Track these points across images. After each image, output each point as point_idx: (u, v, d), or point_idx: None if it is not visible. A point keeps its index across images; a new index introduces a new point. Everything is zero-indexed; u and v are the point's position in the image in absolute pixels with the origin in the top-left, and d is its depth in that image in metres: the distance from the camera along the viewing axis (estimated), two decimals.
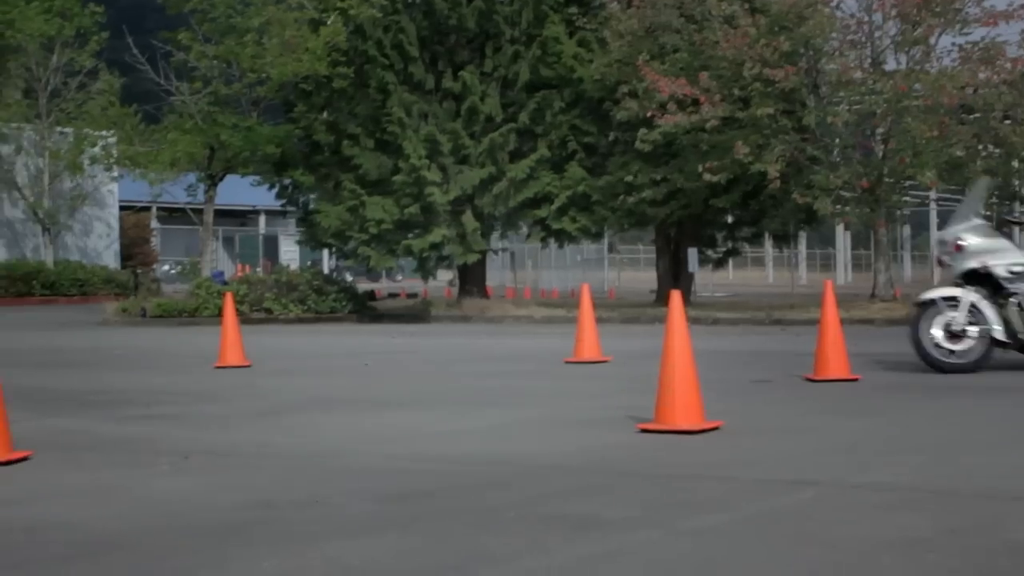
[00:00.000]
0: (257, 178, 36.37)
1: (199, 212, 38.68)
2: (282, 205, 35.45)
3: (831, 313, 12.76)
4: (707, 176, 27.24)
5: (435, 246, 29.75)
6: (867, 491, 6.93)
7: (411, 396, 12.52)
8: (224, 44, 34.15)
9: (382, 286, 48.30)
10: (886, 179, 27.75)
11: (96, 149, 42.19)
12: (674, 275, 31.66)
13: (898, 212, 32.41)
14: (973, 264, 13.17)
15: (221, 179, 36.77)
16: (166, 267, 58.61)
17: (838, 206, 28.40)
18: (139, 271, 46.08)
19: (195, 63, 34.45)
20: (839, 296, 13.03)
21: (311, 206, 33.03)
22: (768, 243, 43.60)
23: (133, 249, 51.50)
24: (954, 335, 13.08)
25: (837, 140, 28.55)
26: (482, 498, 6.93)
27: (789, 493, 6.91)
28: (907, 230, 57.39)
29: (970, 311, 13.01)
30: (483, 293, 32.33)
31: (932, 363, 13.12)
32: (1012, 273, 13.05)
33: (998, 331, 12.93)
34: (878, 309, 25.81)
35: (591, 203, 30.12)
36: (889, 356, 15.18)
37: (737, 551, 5.52)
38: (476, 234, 29.85)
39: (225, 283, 31.80)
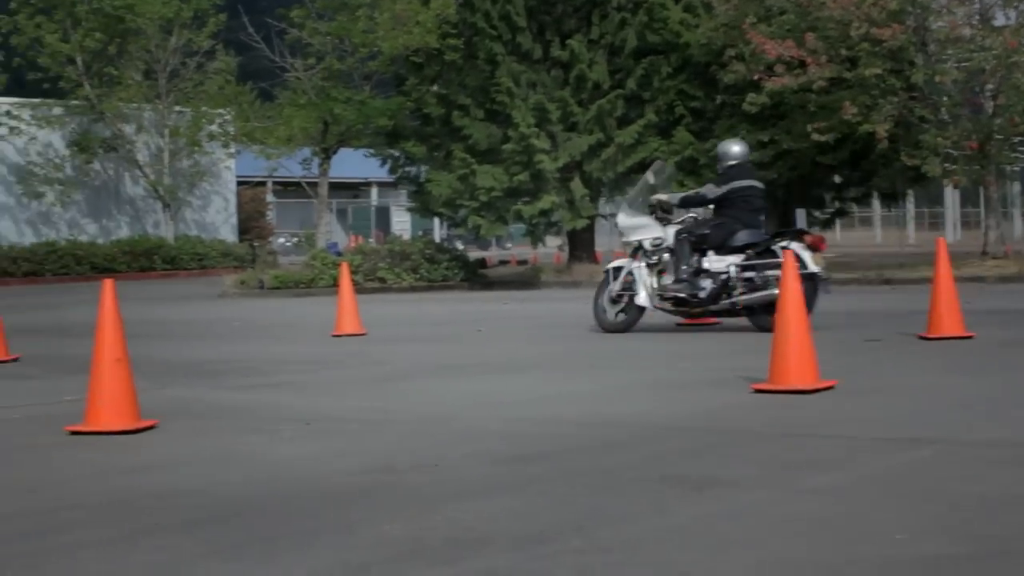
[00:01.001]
0: (369, 151, 36.63)
1: (313, 185, 39.09)
2: (394, 178, 35.69)
3: (944, 270, 12.66)
4: (815, 136, 27.02)
5: (544, 212, 29.82)
6: (985, 448, 6.91)
7: (524, 361, 12.62)
8: (336, 20, 34.46)
9: (492, 254, 48.46)
10: (996, 136, 27.31)
11: (214, 127, 42.79)
12: None
13: (1008, 169, 31.89)
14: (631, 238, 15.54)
15: (335, 152, 37.11)
16: (281, 240, 59.26)
17: (947, 164, 28.00)
18: (256, 244, 46.67)
19: (308, 40, 34.77)
20: (949, 254, 12.90)
21: (422, 176, 33.24)
22: (876, 203, 43.08)
23: (250, 223, 52.13)
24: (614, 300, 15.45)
25: (946, 98, 28.13)
26: (599, 459, 7.00)
27: (907, 451, 6.91)
28: (1017, 187, 56.39)
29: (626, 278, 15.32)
30: (592, 258, 32.31)
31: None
32: (654, 246, 15.22)
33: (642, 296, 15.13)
34: (989, 267, 25.46)
35: (698, 167, 30.00)
36: (1002, 313, 15.01)
37: (859, 510, 5.53)
38: (585, 200, 29.87)
39: (339, 254, 32.13)
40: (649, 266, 15.19)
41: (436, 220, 47.21)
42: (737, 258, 14.66)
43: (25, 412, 9.77)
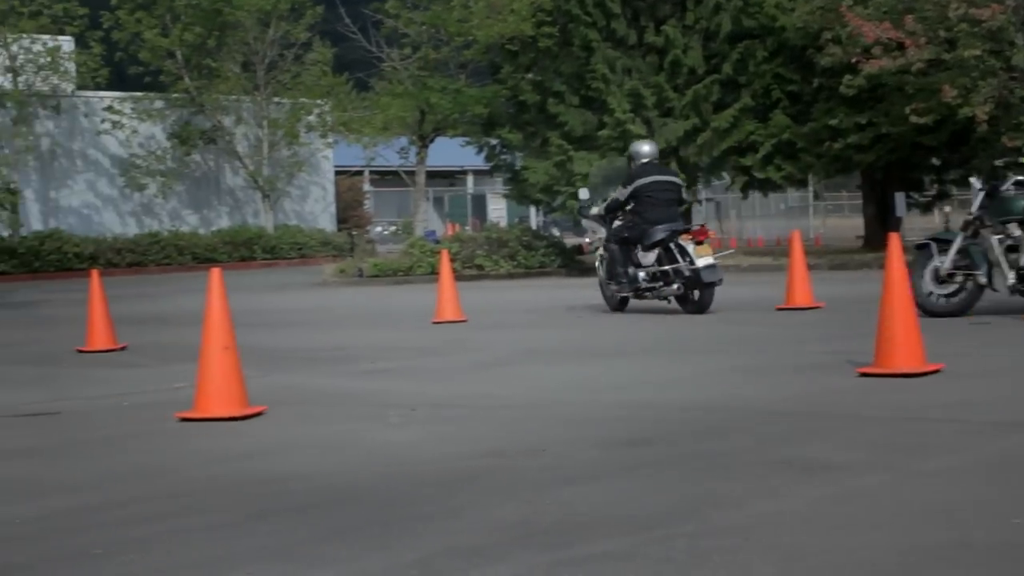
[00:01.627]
0: (465, 139, 36.74)
1: (410, 174, 39.26)
2: (490, 166, 35.75)
3: None
4: (914, 119, 26.68)
5: None
6: None
7: (624, 346, 12.61)
8: (431, 10, 34.56)
9: (588, 240, 48.38)
10: None
11: (312, 117, 43.11)
12: (881, 220, 31.12)
13: None
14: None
15: (431, 141, 37.25)
16: (379, 228, 59.55)
17: None
18: (354, 233, 46.95)
19: (404, 30, 34.92)
20: None
21: (518, 164, 33.27)
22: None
23: (348, 212, 52.47)
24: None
25: None
26: (706, 444, 6.97)
27: (1021, 434, 6.82)
28: None
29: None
30: None
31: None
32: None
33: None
34: None
35: (796, 150, 29.80)
36: None
37: (973, 494, 5.46)
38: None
39: (437, 242, 32.26)
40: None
41: (532, 207, 47.22)
42: (653, 254, 16.03)
43: (134, 400, 9.90)
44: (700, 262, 15.44)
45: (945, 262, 13.47)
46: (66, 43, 41.14)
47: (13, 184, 38.43)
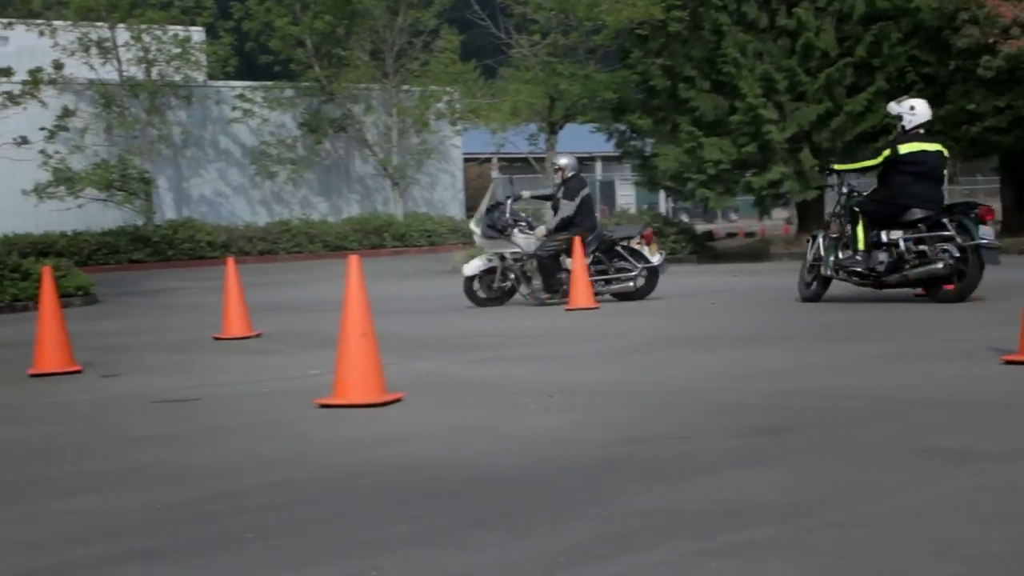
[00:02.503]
0: (595, 125, 36.62)
1: (540, 161, 39.22)
2: (619, 152, 35.60)
3: None
4: None
5: (773, 184, 29.45)
6: None
7: (760, 333, 12.49)
8: None
9: (718, 226, 48.04)
10: None
11: (441, 105, 43.25)
12: (1020, 206, 30.50)
13: None
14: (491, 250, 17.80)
15: (561, 127, 37.17)
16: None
17: None
18: None
19: (533, 16, 34.89)
20: None
21: (648, 150, 33.09)
22: None
23: (477, 199, 52.53)
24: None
25: None
26: (849, 432, 6.89)
27: None
28: None
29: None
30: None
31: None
32: (515, 259, 17.60)
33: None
34: None
35: (931, 134, 29.23)
36: None
37: None
38: (814, 170, 29.39)
39: None
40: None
41: (661, 193, 46.98)
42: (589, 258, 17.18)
43: (273, 386, 10.01)
44: (653, 261, 17.49)
45: (808, 256, 15.93)
46: (196, 34, 41.67)
47: (146, 173, 39.01)
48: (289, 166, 43.53)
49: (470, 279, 17.77)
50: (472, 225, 18.19)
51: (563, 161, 18.18)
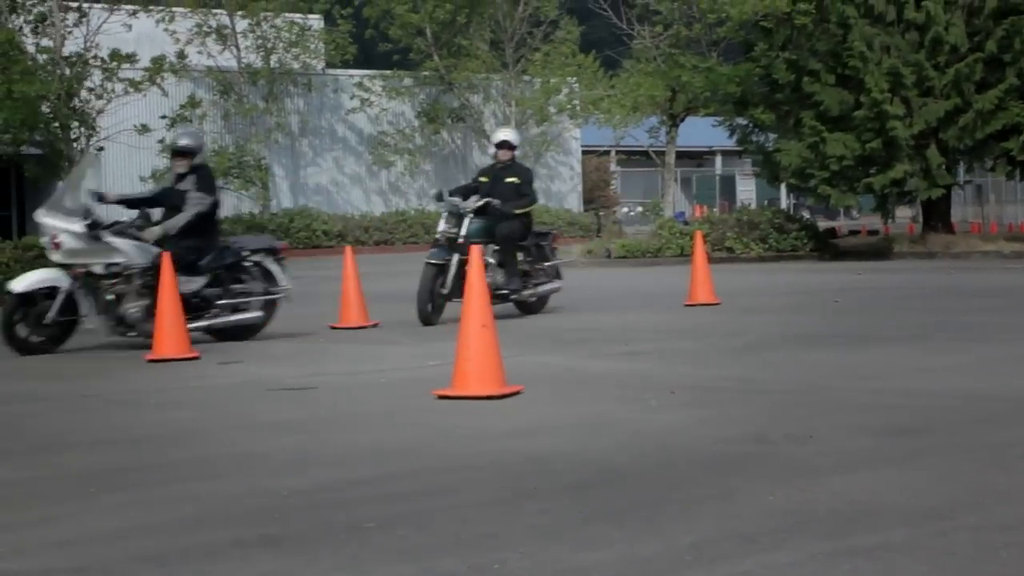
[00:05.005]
0: (716, 119, 36.36)
1: (660, 154, 39.06)
2: (740, 147, 35.31)
3: None
4: None
5: (896, 182, 28.99)
6: None
7: (887, 332, 12.27)
8: None
9: (840, 223, 47.50)
10: None
11: (561, 96, 43.14)
12: None
13: None
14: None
15: (682, 120, 36.99)
16: (625, 209, 59.45)
17: None
18: (601, 213, 46.94)
19: (656, 7, 34.73)
20: None
21: (770, 145, 32.76)
22: None
23: (595, 192, 52.48)
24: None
25: None
26: (981, 434, 6.72)
27: None
28: None
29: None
30: (948, 228, 31.26)
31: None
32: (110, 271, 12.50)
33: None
34: None
35: None
36: None
37: None
38: (941, 168, 28.89)
39: (686, 223, 32.00)
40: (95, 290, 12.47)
41: (782, 189, 46.54)
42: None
43: (391, 376, 10.01)
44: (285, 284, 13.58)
45: None
46: (315, 22, 41.97)
47: (263, 161, 39.35)
48: (406, 156, 43.69)
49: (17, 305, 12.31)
50: (48, 219, 12.53)
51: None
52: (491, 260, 14.52)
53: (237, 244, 13.73)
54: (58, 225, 12.36)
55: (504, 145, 15.42)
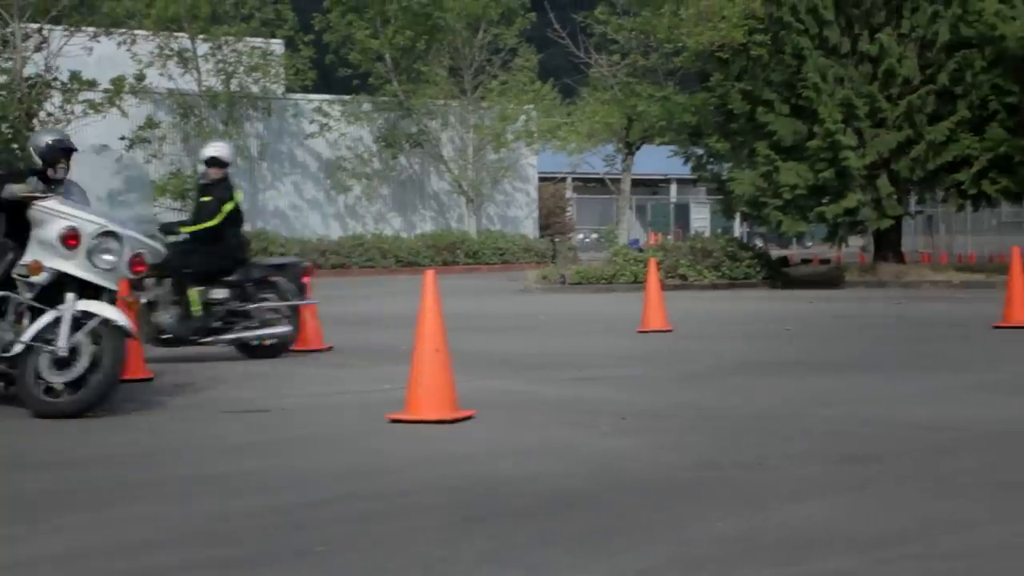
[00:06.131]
0: (672, 148, 36.54)
1: (615, 181, 39.19)
2: (694, 176, 35.47)
3: None
4: None
5: (849, 212, 29.17)
6: None
7: (838, 360, 12.34)
8: (641, 16, 34.45)
9: (793, 252, 47.78)
10: None
11: (518, 124, 43.24)
12: None
13: None
14: None
15: (638, 148, 37.11)
16: (581, 236, 59.60)
17: None
18: (557, 239, 47.03)
19: (613, 36, 34.88)
20: None
21: (724, 174, 32.93)
22: None
23: (550, 219, 52.58)
24: None
25: None
26: (931, 463, 6.77)
27: None
28: None
29: None
30: (899, 258, 31.50)
31: None
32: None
33: None
34: None
35: (1013, 164, 28.88)
36: None
37: None
38: (892, 199, 29.11)
39: (641, 250, 32.09)
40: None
41: (736, 217, 46.81)
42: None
43: (343, 400, 10.00)
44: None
45: None
46: (276, 46, 41.94)
47: None
48: (364, 180, 43.69)
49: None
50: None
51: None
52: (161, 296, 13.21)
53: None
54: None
55: (213, 163, 14.03)
